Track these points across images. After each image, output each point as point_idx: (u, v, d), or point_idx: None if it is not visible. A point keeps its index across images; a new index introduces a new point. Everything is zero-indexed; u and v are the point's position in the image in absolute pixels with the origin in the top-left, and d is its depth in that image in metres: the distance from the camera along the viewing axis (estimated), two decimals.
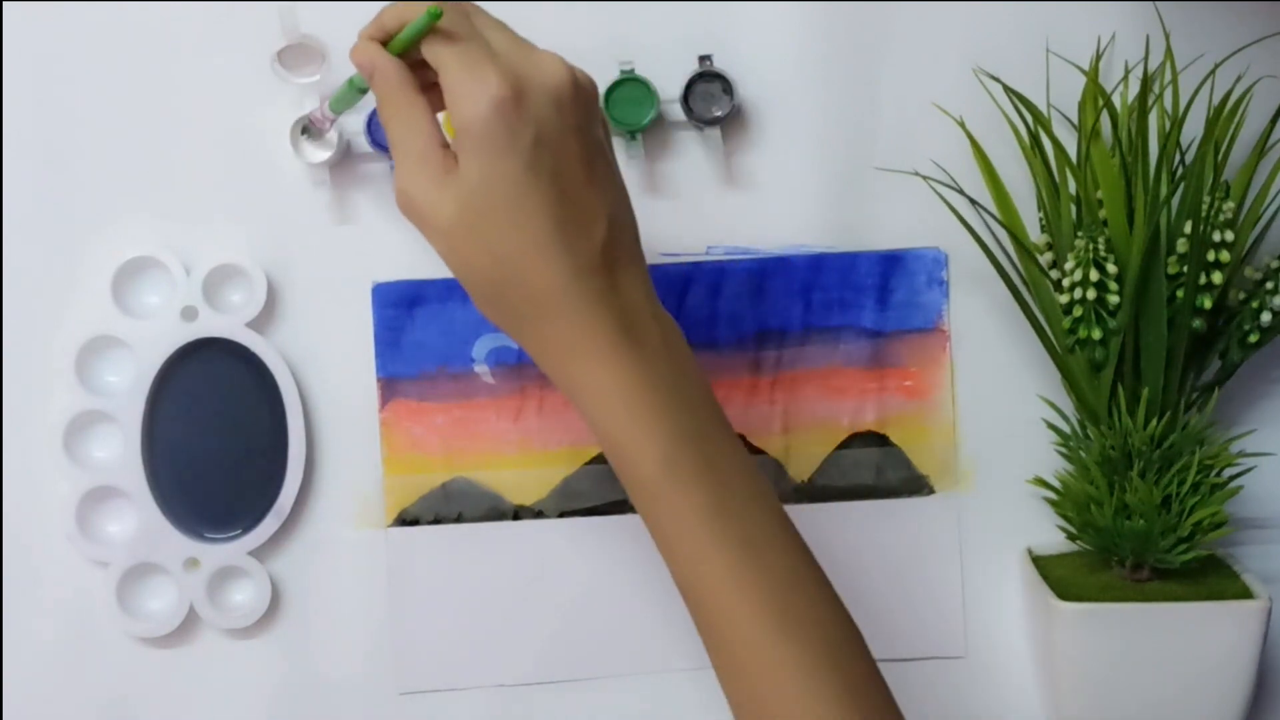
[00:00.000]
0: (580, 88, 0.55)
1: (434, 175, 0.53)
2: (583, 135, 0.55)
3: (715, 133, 0.68)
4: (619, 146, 0.69)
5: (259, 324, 0.69)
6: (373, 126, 0.68)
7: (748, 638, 0.53)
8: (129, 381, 0.69)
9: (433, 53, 0.54)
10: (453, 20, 0.54)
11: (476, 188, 0.53)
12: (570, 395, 0.56)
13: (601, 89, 0.67)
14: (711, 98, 0.68)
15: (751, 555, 0.54)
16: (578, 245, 0.54)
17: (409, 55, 0.56)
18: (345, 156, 0.69)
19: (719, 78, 0.67)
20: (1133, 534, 0.63)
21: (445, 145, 0.54)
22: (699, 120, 0.68)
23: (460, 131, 0.53)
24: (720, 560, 0.54)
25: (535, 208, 0.53)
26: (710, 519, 0.54)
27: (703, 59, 0.68)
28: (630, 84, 0.67)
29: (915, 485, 0.70)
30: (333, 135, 0.68)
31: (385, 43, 0.56)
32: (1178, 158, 0.65)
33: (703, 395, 0.57)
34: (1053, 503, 0.66)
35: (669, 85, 0.68)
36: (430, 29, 0.54)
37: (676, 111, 0.68)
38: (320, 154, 0.68)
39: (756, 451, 0.70)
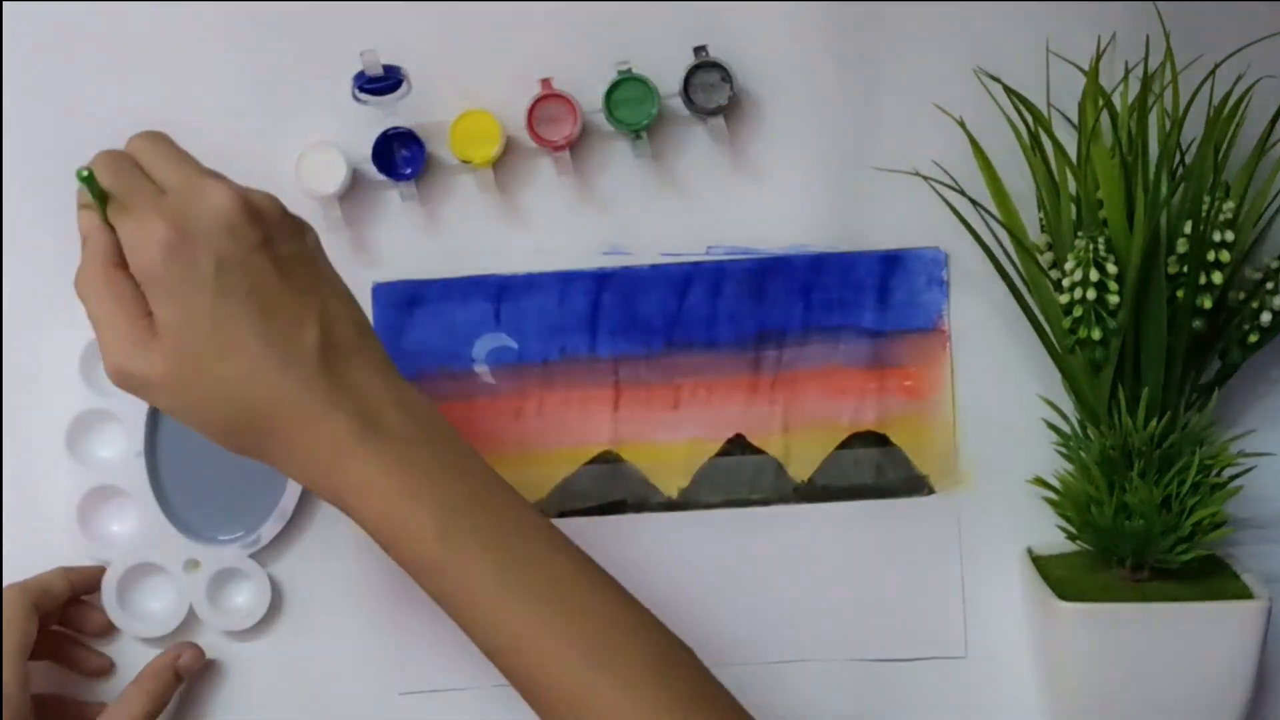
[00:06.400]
0: (253, 207, 0.55)
1: (138, 340, 0.54)
2: (271, 248, 0.55)
3: (719, 122, 0.68)
4: (625, 149, 0.69)
5: None
6: (377, 154, 0.68)
7: (559, 680, 0.54)
8: None
9: (111, 214, 0.56)
10: (117, 170, 0.56)
11: (177, 332, 0.54)
12: (334, 502, 0.56)
13: (600, 91, 0.67)
14: (711, 87, 0.68)
15: (547, 603, 0.55)
16: (291, 355, 0.55)
17: None
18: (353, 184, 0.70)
19: (717, 67, 0.67)
20: (1133, 534, 0.63)
21: (145, 314, 0.55)
22: (701, 111, 0.68)
23: (144, 283, 0.54)
24: (515, 615, 0.55)
25: (238, 330, 0.54)
26: (497, 579, 0.55)
27: (698, 50, 0.67)
28: (629, 83, 0.67)
29: (915, 485, 0.70)
30: (341, 172, 0.68)
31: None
32: (1178, 158, 0.65)
33: (470, 465, 0.57)
34: (1053, 503, 0.66)
35: (668, 81, 0.67)
36: (99, 189, 0.55)
37: (678, 107, 0.68)
38: (328, 186, 0.68)
39: (757, 451, 0.70)
